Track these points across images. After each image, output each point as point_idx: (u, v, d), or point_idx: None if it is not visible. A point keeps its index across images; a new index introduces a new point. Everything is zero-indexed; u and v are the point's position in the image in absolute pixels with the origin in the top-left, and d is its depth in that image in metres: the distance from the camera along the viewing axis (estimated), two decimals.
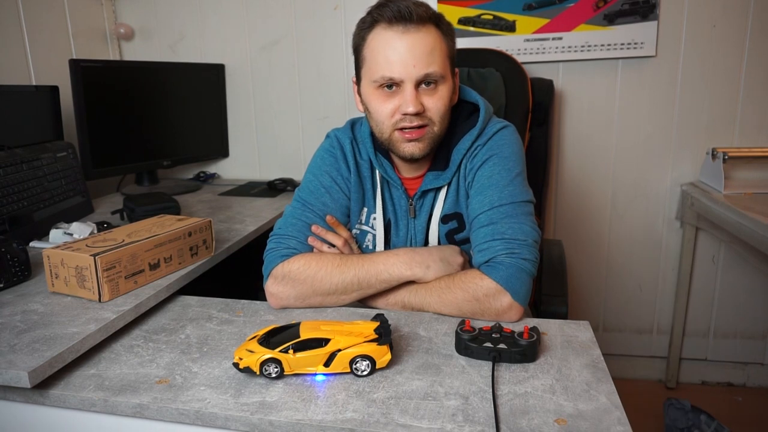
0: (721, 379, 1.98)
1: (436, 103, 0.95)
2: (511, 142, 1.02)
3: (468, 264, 0.99)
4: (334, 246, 1.03)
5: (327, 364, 0.74)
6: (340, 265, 0.96)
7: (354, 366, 0.74)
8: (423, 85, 0.94)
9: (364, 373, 0.74)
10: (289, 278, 0.96)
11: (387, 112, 0.95)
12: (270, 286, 0.98)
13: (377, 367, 0.75)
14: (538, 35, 1.76)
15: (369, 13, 0.95)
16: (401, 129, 0.95)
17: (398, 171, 1.07)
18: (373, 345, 0.74)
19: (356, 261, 0.96)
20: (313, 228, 1.03)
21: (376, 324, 0.78)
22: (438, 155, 1.03)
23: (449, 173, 1.02)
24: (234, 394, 0.71)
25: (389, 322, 0.79)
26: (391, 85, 0.94)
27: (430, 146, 0.98)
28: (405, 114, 0.93)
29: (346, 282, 0.95)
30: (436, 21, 0.94)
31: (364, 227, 1.10)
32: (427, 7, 0.94)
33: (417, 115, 0.93)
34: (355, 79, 1.03)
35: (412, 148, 0.97)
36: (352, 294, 0.96)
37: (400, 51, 0.91)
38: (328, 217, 1.04)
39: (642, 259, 1.92)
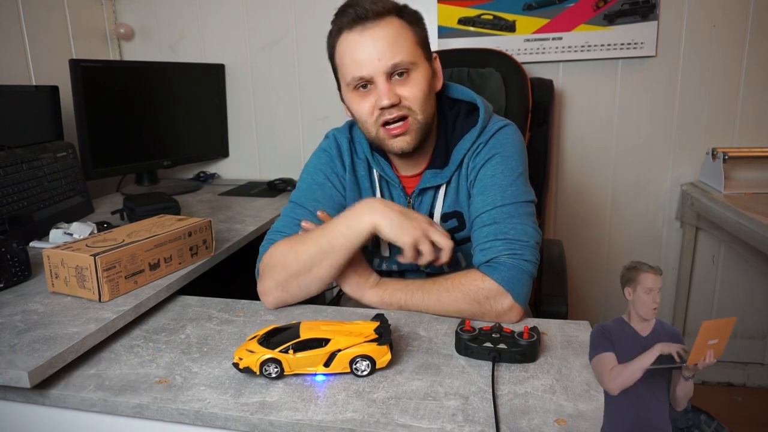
0: (721, 379, 1.98)
1: (411, 90, 0.95)
2: (514, 141, 1.01)
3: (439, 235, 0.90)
4: None
5: (327, 364, 0.74)
6: (304, 239, 0.95)
7: (354, 366, 0.74)
8: (396, 77, 0.94)
9: (364, 373, 0.74)
10: (266, 269, 0.97)
11: (366, 111, 0.96)
12: (258, 286, 0.98)
13: (377, 367, 0.75)
14: (538, 35, 1.76)
15: (333, 23, 0.98)
16: (385, 125, 0.96)
17: (396, 170, 1.07)
18: (373, 345, 0.74)
19: (317, 229, 0.95)
20: (303, 223, 1.02)
21: (376, 324, 0.78)
22: (436, 153, 1.03)
23: (448, 171, 1.02)
24: (234, 394, 0.71)
25: (389, 322, 0.79)
26: (365, 84, 0.95)
27: (418, 137, 0.97)
28: (382, 108, 0.94)
29: (311, 253, 0.92)
30: (397, 12, 0.95)
31: None
32: (384, 1, 0.94)
33: (394, 106, 0.94)
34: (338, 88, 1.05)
35: (400, 143, 0.97)
36: (322, 265, 0.91)
37: (364, 49, 0.93)
38: (318, 212, 1.03)
39: (642, 259, 1.86)
